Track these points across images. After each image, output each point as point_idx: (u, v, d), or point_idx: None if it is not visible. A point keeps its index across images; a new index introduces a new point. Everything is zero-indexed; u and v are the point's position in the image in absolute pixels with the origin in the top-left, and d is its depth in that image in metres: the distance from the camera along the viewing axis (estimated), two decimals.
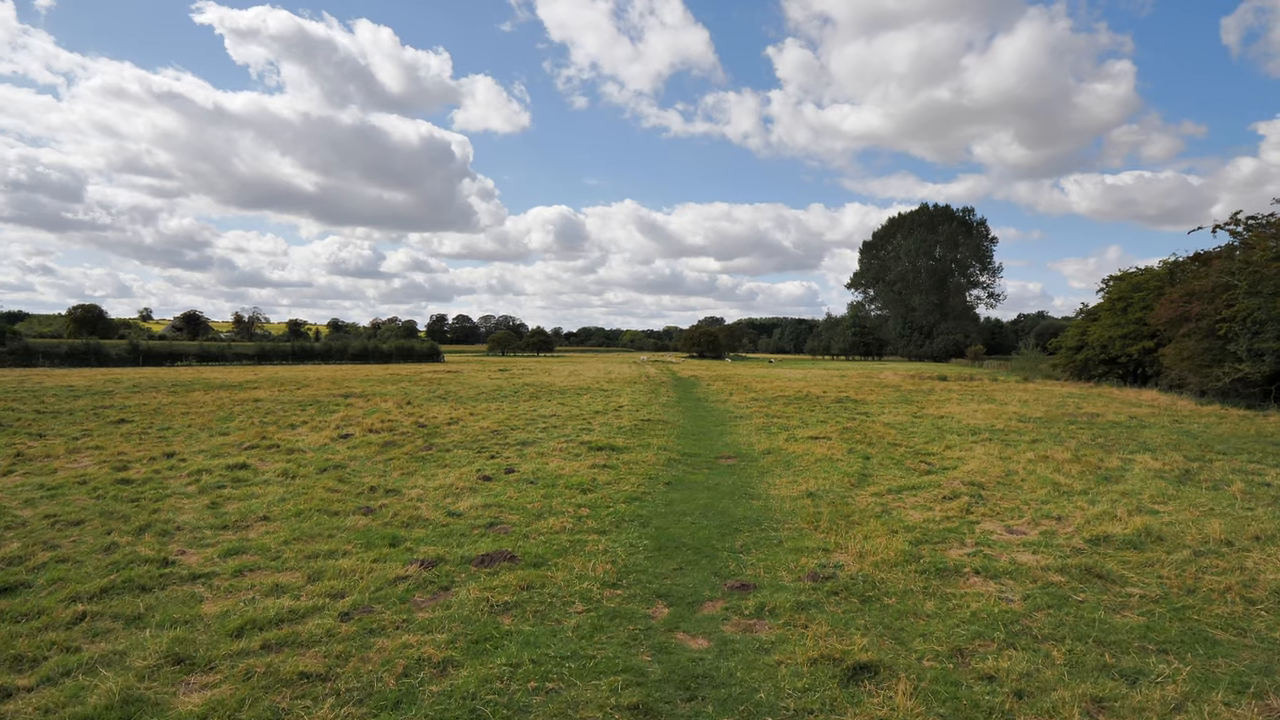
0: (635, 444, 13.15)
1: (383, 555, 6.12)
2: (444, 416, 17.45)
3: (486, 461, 11.17)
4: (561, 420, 16.95)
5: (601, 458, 11.49)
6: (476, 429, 15.11)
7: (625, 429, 15.30)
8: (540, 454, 11.92)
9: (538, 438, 13.90)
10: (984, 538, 6.86)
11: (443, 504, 8.19)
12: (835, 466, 10.78)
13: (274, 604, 4.98)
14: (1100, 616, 4.83)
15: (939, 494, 8.74)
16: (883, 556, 6.12)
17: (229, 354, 68.77)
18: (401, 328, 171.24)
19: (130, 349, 63.10)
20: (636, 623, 4.84)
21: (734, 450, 12.82)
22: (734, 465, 11.29)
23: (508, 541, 6.60)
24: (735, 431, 15.57)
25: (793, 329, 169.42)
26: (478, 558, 6.03)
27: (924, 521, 7.48)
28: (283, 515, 7.54)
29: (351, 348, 78.24)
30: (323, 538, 6.69)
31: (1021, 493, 8.86)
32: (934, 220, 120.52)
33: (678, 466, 11.06)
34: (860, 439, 13.90)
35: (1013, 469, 10.39)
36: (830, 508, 8.06)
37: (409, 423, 16.13)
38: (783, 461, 11.52)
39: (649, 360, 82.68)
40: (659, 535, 7.01)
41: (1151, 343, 34.00)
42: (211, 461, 10.90)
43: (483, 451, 12.19)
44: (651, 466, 10.87)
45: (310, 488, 8.95)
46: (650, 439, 13.92)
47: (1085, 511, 7.69)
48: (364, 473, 10.21)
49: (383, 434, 14.26)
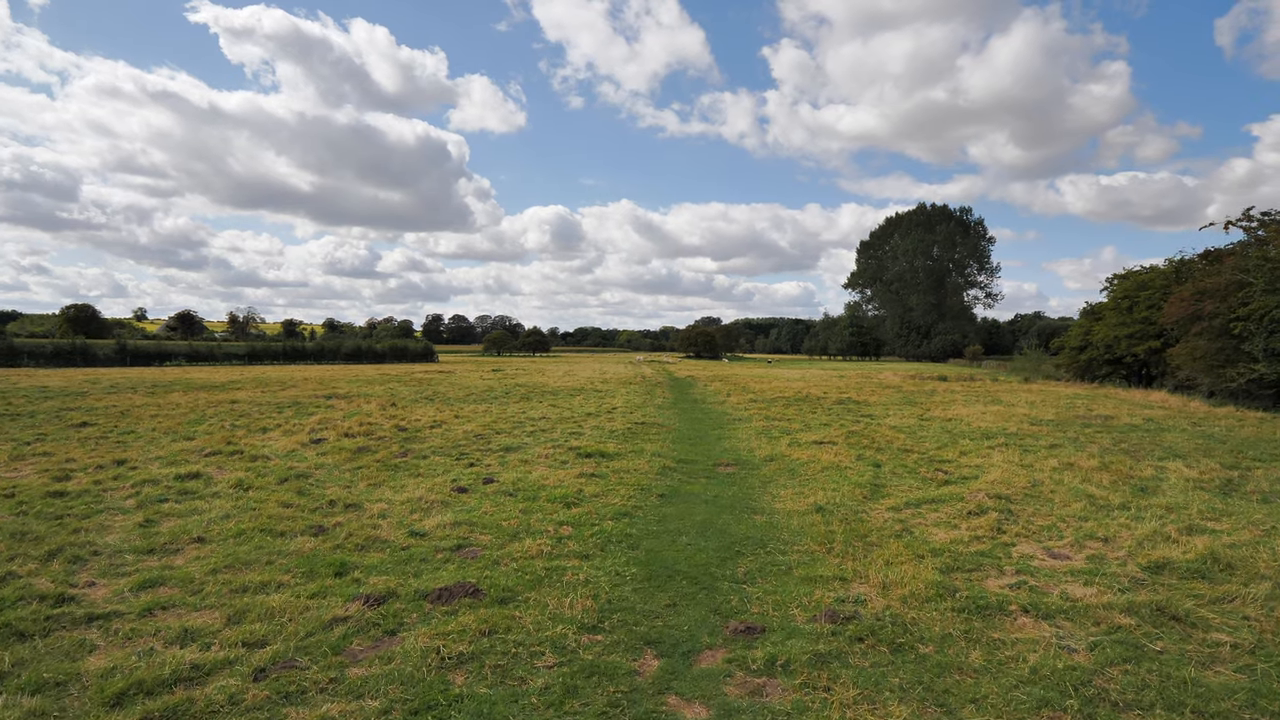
0: (627, 450, 12.23)
1: (324, 588, 5.20)
2: (427, 419, 16.51)
3: (465, 470, 10.24)
4: (551, 423, 16.03)
5: (590, 465, 10.57)
6: (459, 433, 14.17)
7: (618, 433, 14.38)
8: (524, 461, 10.99)
9: (523, 443, 12.97)
10: (1024, 564, 5.96)
11: (407, 521, 7.27)
12: (844, 475, 9.88)
13: (175, 656, 4.06)
14: (1190, 675, 3.92)
15: (963, 508, 7.84)
16: (911, 588, 5.21)
17: (219, 354, 67.61)
18: (397, 328, 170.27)
19: (118, 349, 61.98)
20: (619, 681, 3.93)
21: (733, 457, 11.91)
22: (734, 474, 10.38)
23: (474, 570, 5.68)
24: (734, 436, 14.66)
25: (789, 329, 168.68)
26: (435, 592, 5.10)
27: (951, 543, 6.58)
28: (220, 536, 6.60)
29: (345, 347, 77.19)
30: (259, 565, 5.76)
31: (1054, 507, 7.96)
32: (932, 220, 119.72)
33: (673, 475, 10.14)
34: (868, 444, 13.00)
35: (1038, 479, 9.50)
36: (843, 525, 7.16)
37: (389, 426, 15.19)
38: (787, 469, 10.62)
39: (645, 360, 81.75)
40: (650, 560, 6.10)
41: (1158, 342, 33.21)
42: (164, 470, 9.96)
43: (462, 458, 11.26)
44: (644, 475, 9.95)
45: (263, 501, 8.02)
46: (644, 444, 13.00)
47: (1132, 531, 6.79)
48: (328, 483, 9.28)
49: (358, 438, 13.32)
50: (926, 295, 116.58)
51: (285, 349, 73.58)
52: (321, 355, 74.30)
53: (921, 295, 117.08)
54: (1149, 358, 33.98)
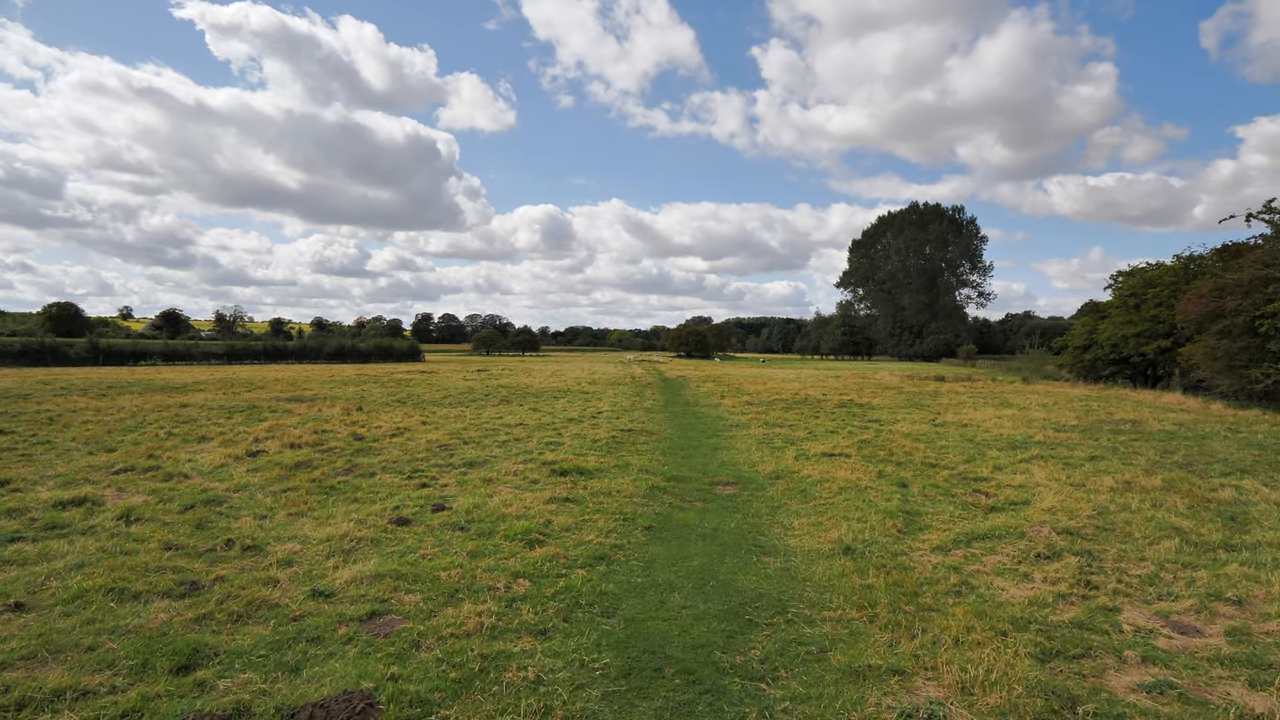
0: (610, 464, 10.56)
1: (142, 703, 3.51)
2: (390, 426, 14.78)
3: (414, 493, 8.54)
4: (528, 431, 14.34)
5: (565, 486, 8.90)
6: (421, 443, 12.46)
7: (601, 443, 12.70)
8: (487, 481, 9.30)
9: (492, 456, 11.28)
10: (1146, 644, 4.34)
11: (316, 571, 5.58)
12: (867, 500, 8.26)
13: None
14: None
15: (1027, 549, 6.23)
16: (1005, 695, 3.59)
17: (197, 353, 65.44)
18: (386, 327, 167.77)
19: (90, 348, 59.87)
20: None
21: (733, 473, 10.27)
22: (736, 496, 8.73)
23: (378, 661, 4.00)
24: (732, 445, 13.02)
25: (781, 328, 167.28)
26: (306, 710, 3.42)
27: (1031, 605, 4.96)
28: (50, 601, 4.88)
29: (328, 347, 75.25)
30: (73, 653, 4.05)
31: (1140, 546, 6.37)
32: (924, 219, 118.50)
33: (662, 498, 8.48)
34: (885, 456, 11.40)
35: (1101, 504, 7.92)
36: (882, 576, 5.54)
37: (345, 434, 13.47)
38: (797, 490, 8.98)
39: (635, 360, 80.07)
40: (631, 638, 4.45)
41: (1167, 341, 31.88)
42: (50, 494, 8.20)
43: (415, 476, 9.56)
44: (628, 499, 8.29)
45: (144, 541, 6.30)
46: (630, 456, 11.34)
47: (1266, 586, 5.20)
48: (242, 511, 7.57)
49: (304, 450, 11.60)
50: (919, 294, 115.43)
51: (267, 348, 71.53)
52: (304, 355, 72.33)
53: (914, 294, 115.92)
54: (1158, 357, 32.65)
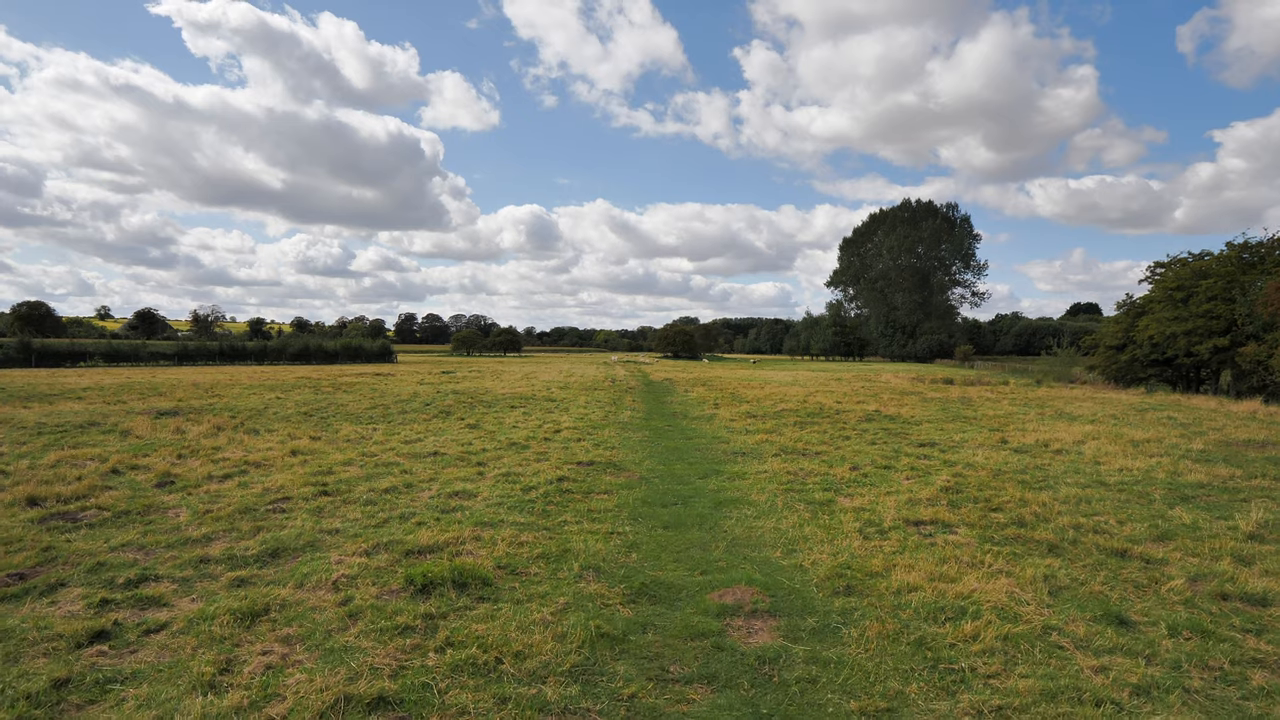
0: (532, 554, 5.93)
1: None
2: (241, 457, 10.13)
3: (70, 655, 3.95)
4: (437, 467, 9.74)
5: (411, 634, 4.32)
6: (254, 493, 7.85)
7: (536, 500, 7.99)
8: (250, 614, 4.71)
9: (333, 530, 6.65)
10: None
11: None
12: (1058, 659, 3.76)
13: None
14: None
15: None
16: None
17: (144, 354, 60.28)
18: (369, 326, 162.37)
19: (20, 347, 54.74)
20: None
21: (760, 573, 5.62)
22: (779, 659, 4.16)
23: None
24: (743, 495, 8.45)
25: (769, 329, 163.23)
26: None
27: None
28: None
29: (291, 347, 70.21)
30: None
31: None
32: (916, 216, 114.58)
33: (611, 678, 3.94)
34: (1006, 521, 6.91)
35: None
36: None
37: (156, 471, 8.84)
38: (913, 642, 4.46)
39: (620, 361, 75.48)
40: None
41: (1225, 340, 27.81)
42: None
43: (105, 610, 4.96)
44: (531, 692, 3.74)
45: None
46: (573, 531, 6.72)
47: None
48: None
49: (32, 509, 6.96)
50: (911, 294, 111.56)
51: (223, 349, 66.40)
52: (264, 355, 67.21)
53: (906, 294, 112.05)
54: (1212, 357, 28.55)
